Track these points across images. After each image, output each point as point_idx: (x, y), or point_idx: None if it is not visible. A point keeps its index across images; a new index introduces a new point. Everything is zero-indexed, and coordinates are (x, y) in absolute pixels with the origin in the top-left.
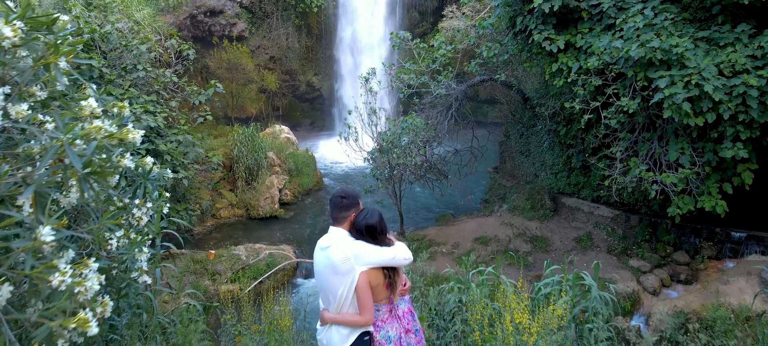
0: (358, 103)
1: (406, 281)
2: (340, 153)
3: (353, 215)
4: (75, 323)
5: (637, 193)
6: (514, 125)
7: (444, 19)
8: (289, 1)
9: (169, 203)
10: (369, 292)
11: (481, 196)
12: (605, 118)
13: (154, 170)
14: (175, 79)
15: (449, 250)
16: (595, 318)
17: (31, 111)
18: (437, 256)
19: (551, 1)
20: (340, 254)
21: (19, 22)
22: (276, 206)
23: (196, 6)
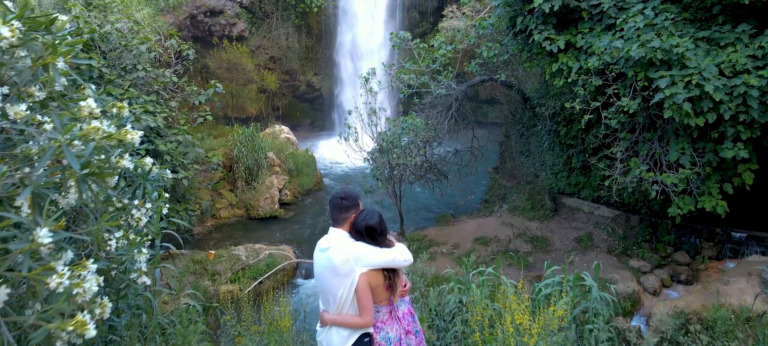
0: (358, 103)
1: (407, 282)
2: (340, 153)
3: (353, 216)
4: (73, 325)
5: (637, 193)
6: (515, 125)
7: (444, 19)
8: (289, 1)
9: (169, 203)
10: (369, 293)
11: (481, 196)
12: (605, 118)
13: (154, 171)
14: (175, 79)
15: (449, 250)
16: (596, 319)
17: (30, 111)
18: (437, 256)
19: (551, 1)
20: (340, 255)
21: (17, 22)
22: (276, 206)
23: (196, 6)
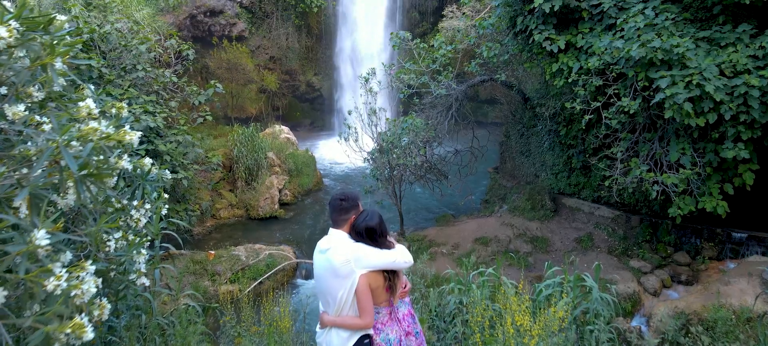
0: (358, 103)
1: (407, 283)
2: (340, 153)
3: (353, 217)
4: (70, 328)
5: (637, 193)
6: (515, 125)
7: (444, 19)
8: (289, 1)
9: (169, 203)
10: (369, 295)
11: (481, 196)
12: (606, 118)
13: (153, 171)
14: (175, 79)
15: (449, 250)
16: (597, 320)
17: (28, 112)
18: (437, 256)
19: (552, 1)
20: (340, 256)
21: (15, 23)
22: (276, 207)
23: (196, 6)
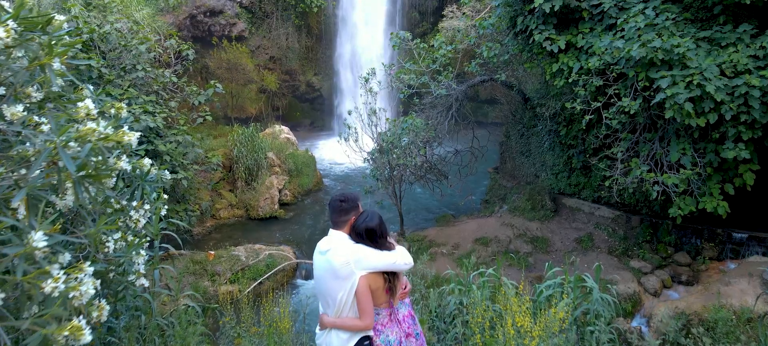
0: (358, 103)
1: (407, 284)
2: (340, 153)
3: (353, 218)
4: (68, 330)
5: (638, 194)
6: (515, 126)
7: (444, 19)
8: (289, 1)
9: (169, 203)
10: (369, 296)
11: (481, 196)
12: (606, 118)
13: (152, 172)
14: (175, 79)
15: (449, 251)
16: (597, 320)
17: (27, 112)
18: (437, 257)
19: (552, 1)
20: (340, 257)
21: (13, 23)
22: (276, 207)
23: (196, 6)
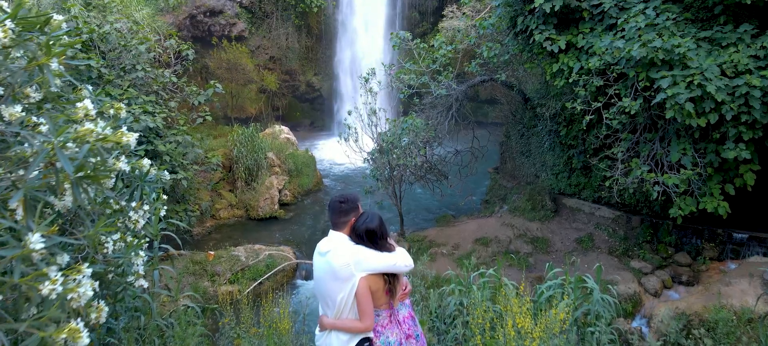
0: (358, 103)
1: (407, 285)
2: (340, 153)
3: (353, 219)
4: (65, 333)
5: (638, 194)
6: (515, 126)
7: (444, 19)
8: (289, 1)
9: (168, 204)
10: (369, 297)
11: (481, 196)
12: (607, 118)
13: (152, 172)
14: (174, 79)
15: (450, 251)
16: (598, 321)
17: (25, 113)
18: (437, 257)
19: (552, 1)
20: (340, 259)
21: (10, 23)
22: (276, 207)
23: (196, 6)
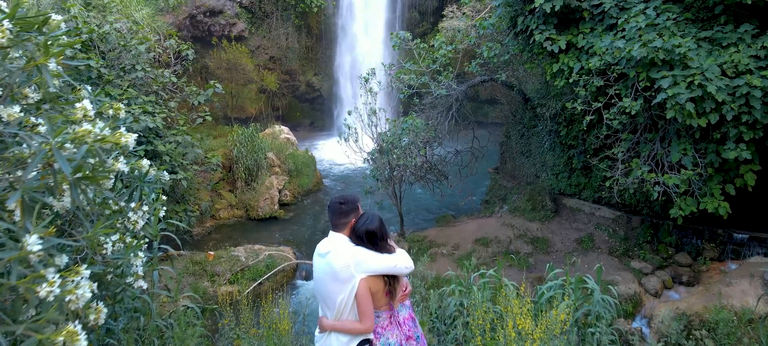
0: (358, 103)
1: (408, 285)
2: (340, 154)
3: (353, 220)
4: (63, 336)
5: (638, 194)
6: (515, 126)
7: (444, 19)
8: (289, 1)
9: (168, 204)
10: (369, 299)
11: (481, 197)
12: (607, 119)
13: (151, 173)
14: (174, 79)
15: (450, 251)
16: (598, 322)
17: (24, 113)
18: (438, 257)
19: (553, 1)
20: (340, 260)
21: (8, 23)
22: (275, 207)
23: (196, 6)
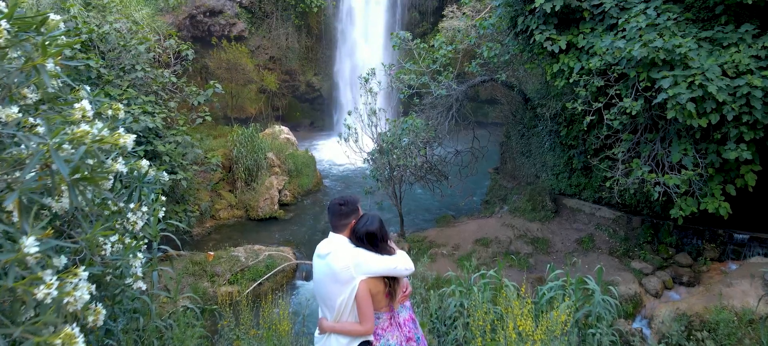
0: (358, 104)
1: (408, 286)
2: (340, 154)
3: (353, 221)
4: (60, 338)
5: (639, 194)
6: (515, 126)
7: (444, 19)
8: (289, 1)
9: (168, 204)
10: (370, 301)
11: (481, 197)
12: (607, 119)
13: (150, 173)
14: (174, 79)
15: (450, 252)
16: (599, 323)
17: (23, 114)
18: (438, 257)
19: (553, 1)
20: (340, 261)
21: (5, 23)
22: (275, 207)
23: (196, 6)
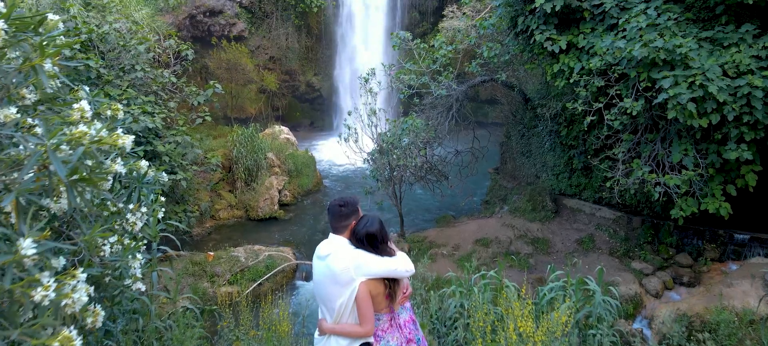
0: (358, 104)
1: (408, 287)
2: (340, 154)
3: (353, 222)
4: (58, 341)
5: (639, 195)
6: (515, 126)
7: (444, 19)
8: (289, 1)
9: (168, 204)
10: (370, 302)
11: (481, 197)
12: (608, 119)
13: (149, 174)
14: (174, 79)
15: (450, 252)
16: (600, 324)
17: (21, 114)
18: (438, 258)
19: (553, 1)
20: (340, 263)
21: (3, 23)
22: (275, 207)
23: (196, 6)
